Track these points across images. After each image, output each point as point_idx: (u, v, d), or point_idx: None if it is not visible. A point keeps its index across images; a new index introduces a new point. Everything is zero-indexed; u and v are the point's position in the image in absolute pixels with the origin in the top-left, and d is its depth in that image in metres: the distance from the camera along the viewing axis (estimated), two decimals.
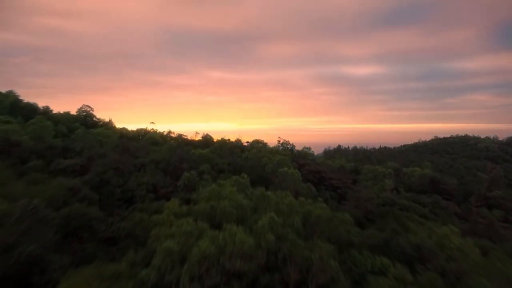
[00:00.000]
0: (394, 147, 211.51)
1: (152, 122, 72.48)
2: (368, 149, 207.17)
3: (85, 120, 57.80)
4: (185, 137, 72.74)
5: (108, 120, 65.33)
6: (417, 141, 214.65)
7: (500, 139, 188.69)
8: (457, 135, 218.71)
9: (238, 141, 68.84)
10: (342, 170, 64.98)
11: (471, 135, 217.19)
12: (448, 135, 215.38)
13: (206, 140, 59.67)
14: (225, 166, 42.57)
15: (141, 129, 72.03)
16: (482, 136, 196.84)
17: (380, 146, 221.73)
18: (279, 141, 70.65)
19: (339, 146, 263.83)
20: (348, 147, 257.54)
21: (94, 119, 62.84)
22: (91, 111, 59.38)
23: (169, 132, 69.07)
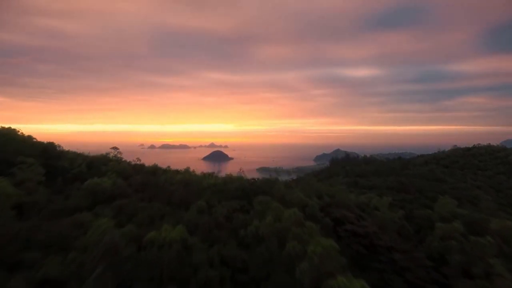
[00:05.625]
0: (412, 158, 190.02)
1: (115, 147, 50.28)
2: (384, 160, 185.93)
3: None
4: (164, 168, 51.16)
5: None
6: (436, 152, 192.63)
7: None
8: (479, 144, 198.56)
9: (240, 177, 46.92)
10: (395, 226, 43.30)
11: (494, 144, 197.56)
12: (470, 145, 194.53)
13: (187, 183, 36.97)
14: (215, 273, 20.68)
15: (102, 157, 50.04)
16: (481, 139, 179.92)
17: (395, 158, 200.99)
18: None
19: (347, 155, 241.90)
20: (357, 155, 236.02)
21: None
22: None
23: (138, 165, 46.58)
